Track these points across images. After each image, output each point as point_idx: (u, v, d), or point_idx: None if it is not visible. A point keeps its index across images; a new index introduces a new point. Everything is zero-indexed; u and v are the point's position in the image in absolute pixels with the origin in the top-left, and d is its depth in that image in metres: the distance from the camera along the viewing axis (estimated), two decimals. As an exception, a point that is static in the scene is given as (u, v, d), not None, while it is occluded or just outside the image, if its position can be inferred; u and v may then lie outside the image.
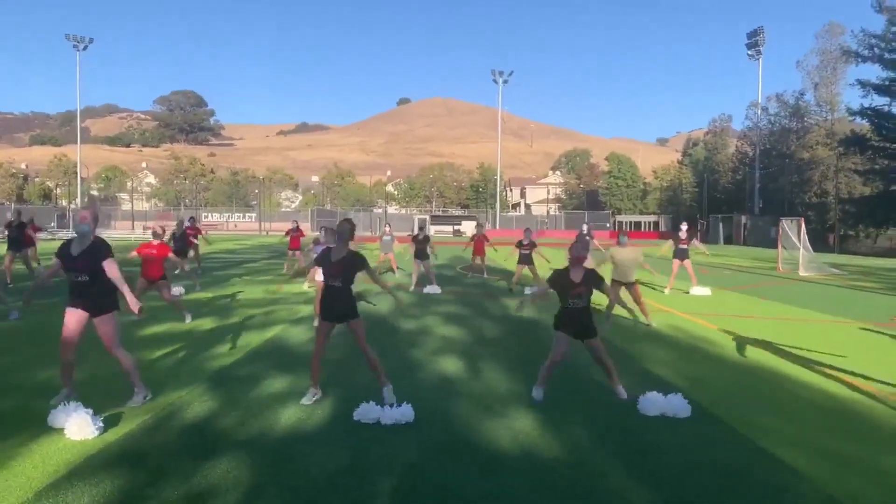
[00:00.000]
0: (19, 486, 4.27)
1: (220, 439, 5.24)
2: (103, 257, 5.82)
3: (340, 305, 6.18)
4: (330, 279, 6.19)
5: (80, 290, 5.85)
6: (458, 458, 4.92)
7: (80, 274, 5.79)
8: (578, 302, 6.38)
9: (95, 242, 5.90)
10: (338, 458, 4.87)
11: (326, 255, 6.27)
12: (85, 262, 5.78)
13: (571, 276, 6.42)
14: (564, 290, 6.39)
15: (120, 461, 4.72)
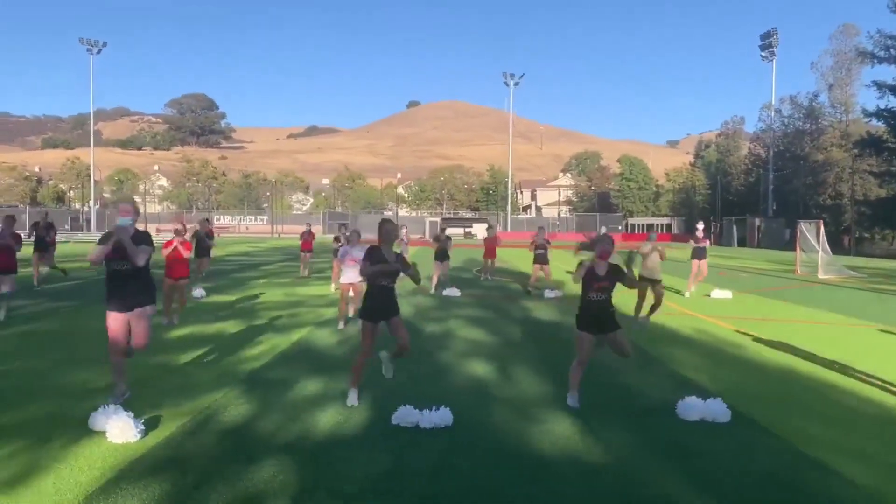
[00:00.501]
0: (69, 490, 4.26)
1: (261, 443, 5.23)
2: (141, 242, 5.91)
3: (390, 305, 6.22)
4: (384, 280, 6.19)
5: (120, 280, 5.91)
6: (502, 462, 4.89)
7: (121, 262, 5.87)
8: (601, 295, 6.40)
9: (139, 235, 6.00)
10: (381, 462, 4.85)
11: (378, 256, 6.23)
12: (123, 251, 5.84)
13: (597, 269, 6.44)
14: (588, 284, 6.42)
15: (165, 465, 4.71)
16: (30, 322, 10.76)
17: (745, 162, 75.23)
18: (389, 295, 6.25)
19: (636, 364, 8.37)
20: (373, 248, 6.34)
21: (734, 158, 78.86)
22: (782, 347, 9.52)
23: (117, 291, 5.98)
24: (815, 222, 25.97)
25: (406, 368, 7.82)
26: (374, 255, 6.23)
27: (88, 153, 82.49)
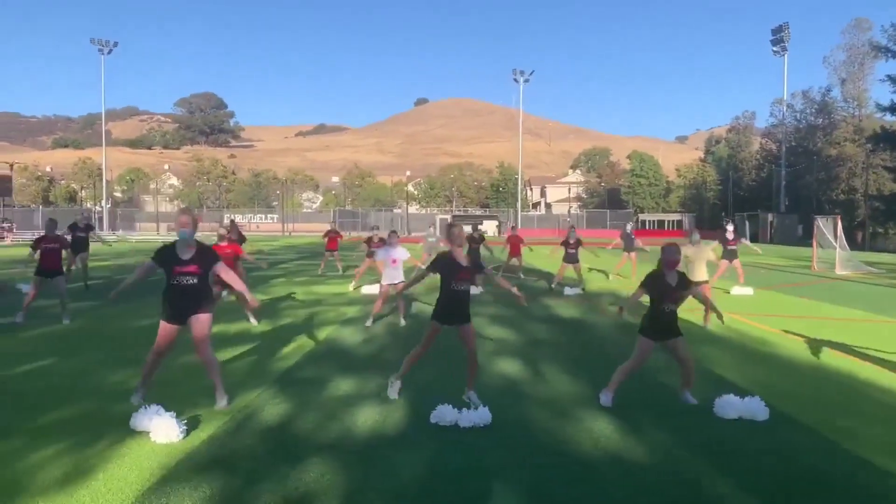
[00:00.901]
0: (119, 490, 4.30)
1: (303, 442, 5.25)
2: (215, 261, 6.02)
3: (464, 310, 6.24)
4: (459, 284, 6.18)
5: (183, 293, 5.94)
6: (545, 462, 4.89)
7: (190, 277, 5.90)
8: (673, 307, 6.29)
9: (203, 247, 6.07)
10: (425, 462, 4.86)
11: (450, 260, 6.23)
12: (196, 266, 5.91)
13: (668, 279, 6.26)
14: (661, 294, 6.23)
15: (212, 465, 4.74)
16: (56, 322, 10.82)
17: (756, 157, 74.83)
18: (464, 299, 6.23)
19: (665, 362, 8.36)
20: (443, 253, 6.33)
21: (745, 154, 78.45)
22: (812, 344, 9.48)
23: (176, 303, 5.99)
24: (831, 218, 25.82)
25: (436, 366, 7.86)
26: (443, 260, 6.22)
27: (99, 153, 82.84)
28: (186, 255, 5.94)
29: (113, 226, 73.38)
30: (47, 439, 5.17)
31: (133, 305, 13.12)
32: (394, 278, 10.92)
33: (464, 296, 6.26)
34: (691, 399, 6.42)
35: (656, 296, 6.26)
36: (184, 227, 5.92)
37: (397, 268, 10.96)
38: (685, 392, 6.48)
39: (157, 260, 5.99)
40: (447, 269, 6.24)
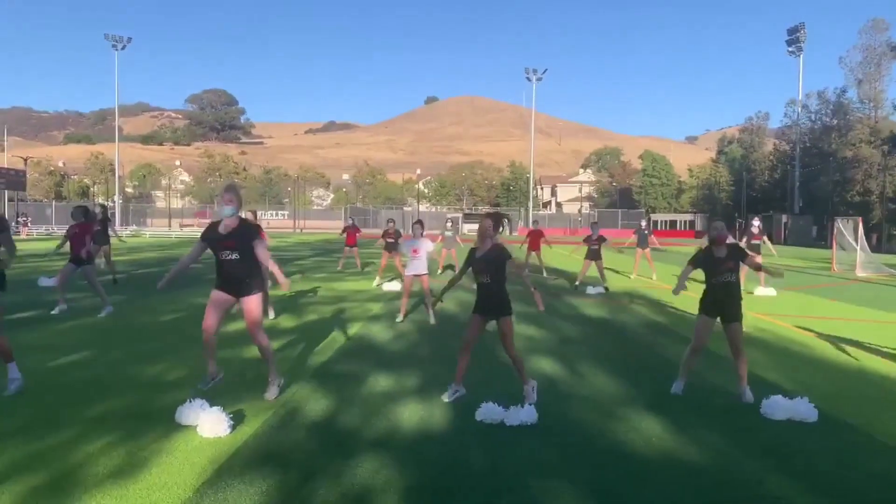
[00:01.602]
0: (174, 485, 4.24)
1: (352, 438, 5.19)
2: (253, 237, 5.93)
3: (495, 301, 6.14)
4: (479, 276, 6.14)
5: (228, 270, 5.92)
6: (602, 462, 4.80)
7: (230, 252, 5.87)
8: (728, 277, 6.37)
9: (244, 223, 6.01)
10: (480, 460, 4.79)
11: (471, 251, 6.21)
12: (234, 241, 5.87)
13: (716, 253, 6.41)
14: (711, 269, 6.38)
15: (264, 460, 4.69)
16: (86, 314, 10.83)
17: (769, 158, 74.43)
18: (492, 290, 6.15)
19: (704, 362, 8.27)
20: (474, 249, 6.29)
21: (758, 154, 78.06)
22: (850, 345, 9.38)
23: (226, 281, 6.00)
24: (852, 219, 25.62)
25: (475, 364, 7.78)
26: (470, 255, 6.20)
27: (110, 148, 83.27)
28: (225, 230, 5.92)
29: (125, 221, 73.66)
30: (96, 432, 5.14)
31: (161, 299, 13.15)
32: (417, 269, 10.86)
33: (489, 287, 6.20)
34: (749, 396, 6.33)
35: (707, 270, 6.44)
36: (227, 204, 5.89)
37: (420, 258, 10.88)
38: (743, 388, 6.40)
39: (203, 238, 6.03)
40: (470, 262, 6.25)
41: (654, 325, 11.20)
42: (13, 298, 12.68)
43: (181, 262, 6.36)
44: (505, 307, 6.19)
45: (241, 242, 5.90)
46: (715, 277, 6.41)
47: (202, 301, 12.96)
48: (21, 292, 13.81)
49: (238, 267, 5.92)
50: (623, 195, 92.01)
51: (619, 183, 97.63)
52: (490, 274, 6.13)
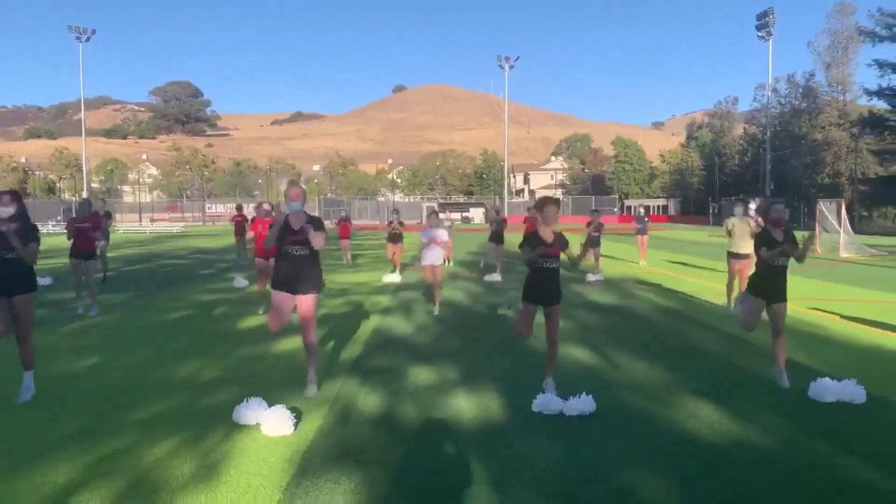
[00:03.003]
0: (260, 486, 4.17)
1: (417, 432, 5.15)
2: (318, 228, 5.98)
3: (553, 288, 6.12)
4: (543, 261, 6.08)
5: (293, 265, 5.96)
6: (675, 452, 4.80)
7: (300, 247, 5.94)
8: (781, 260, 6.47)
9: (313, 217, 6.04)
10: (551, 452, 4.77)
11: (536, 236, 6.13)
12: (305, 236, 5.90)
13: (774, 235, 6.52)
14: (771, 246, 6.45)
15: (339, 457, 4.63)
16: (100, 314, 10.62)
17: (739, 142, 75.38)
18: (553, 277, 6.12)
19: (732, 345, 8.39)
20: (532, 232, 6.23)
21: (728, 139, 79.03)
22: (866, 325, 9.56)
23: (290, 275, 6.01)
24: (835, 201, 26.10)
25: (508, 356, 7.81)
26: (532, 238, 6.13)
27: (72, 143, 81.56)
28: (297, 225, 5.95)
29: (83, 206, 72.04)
30: (153, 435, 5.03)
31: (162, 296, 12.97)
32: (433, 260, 10.82)
33: (550, 274, 6.16)
34: (785, 382, 6.40)
35: (761, 251, 6.52)
36: (294, 201, 5.97)
37: (436, 248, 10.84)
38: (782, 373, 6.46)
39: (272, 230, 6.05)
40: (535, 245, 6.17)
41: (666, 310, 11.29)
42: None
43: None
44: (560, 294, 6.19)
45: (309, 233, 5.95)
46: (770, 259, 6.48)
47: (203, 298, 12.84)
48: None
49: (304, 262, 5.98)
50: (595, 182, 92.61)
51: (591, 170, 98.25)
52: (556, 260, 6.12)
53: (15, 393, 5.94)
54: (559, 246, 6.15)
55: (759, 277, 6.65)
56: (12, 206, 5.85)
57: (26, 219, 5.98)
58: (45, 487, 4.11)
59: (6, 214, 5.79)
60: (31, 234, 5.91)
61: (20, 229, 5.80)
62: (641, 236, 19.80)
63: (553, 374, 6.24)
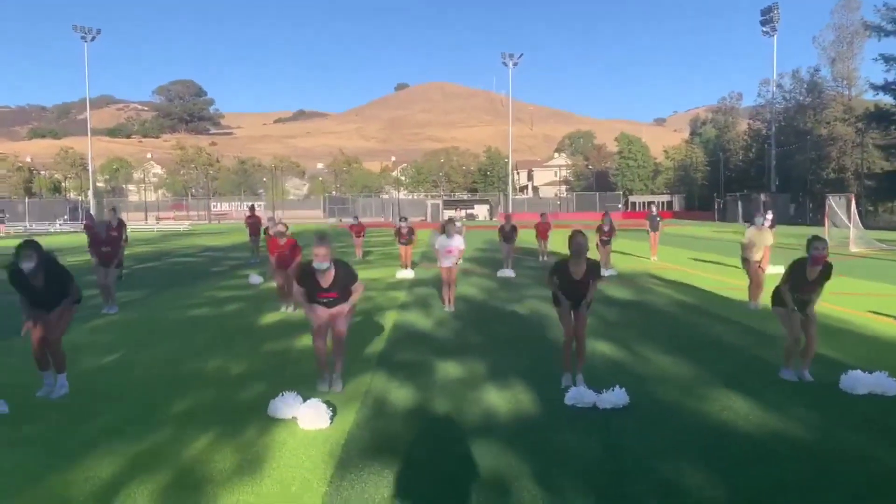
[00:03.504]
0: (306, 480, 4.18)
1: (453, 426, 5.16)
2: (351, 284, 6.19)
3: (583, 293, 6.21)
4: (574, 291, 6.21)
5: (327, 304, 6.20)
6: (713, 443, 4.80)
7: (332, 300, 6.16)
8: (807, 298, 6.42)
9: (340, 270, 6.10)
10: (590, 445, 4.77)
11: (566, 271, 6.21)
12: (336, 293, 6.11)
13: (808, 276, 6.40)
14: (797, 286, 6.40)
15: (380, 451, 4.64)
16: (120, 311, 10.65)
17: (743, 138, 75.25)
18: (581, 288, 6.20)
19: (754, 339, 8.38)
20: (560, 263, 6.29)
21: (732, 134, 78.89)
22: (885, 318, 9.55)
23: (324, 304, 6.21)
24: (845, 196, 26.05)
25: (531, 350, 7.83)
26: (562, 273, 6.21)
27: (76, 142, 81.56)
28: (325, 282, 6.05)
29: (100, 216, 72.31)
30: (191, 429, 5.05)
31: (177, 293, 13.00)
32: (451, 262, 10.82)
33: (579, 286, 6.21)
34: (809, 376, 6.42)
35: (793, 285, 6.42)
36: (322, 261, 5.90)
37: (453, 256, 10.86)
38: (806, 369, 6.48)
39: (302, 284, 6.14)
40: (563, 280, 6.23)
41: (683, 305, 11.29)
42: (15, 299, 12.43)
43: None
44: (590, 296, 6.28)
45: (342, 291, 6.12)
46: (798, 293, 6.42)
47: (220, 294, 12.88)
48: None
49: (337, 302, 6.17)
50: (599, 178, 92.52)
51: (595, 166, 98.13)
52: (585, 290, 6.20)
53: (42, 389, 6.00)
54: (590, 279, 6.19)
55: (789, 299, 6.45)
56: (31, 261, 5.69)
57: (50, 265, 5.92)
58: (91, 482, 4.13)
59: (28, 270, 5.67)
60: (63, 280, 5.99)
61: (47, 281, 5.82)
62: (653, 233, 19.83)
63: (582, 368, 6.26)
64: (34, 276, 5.71)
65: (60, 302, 5.90)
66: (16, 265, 5.69)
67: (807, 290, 6.37)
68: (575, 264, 6.15)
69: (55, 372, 6.03)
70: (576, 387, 5.91)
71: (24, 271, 5.65)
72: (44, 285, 5.81)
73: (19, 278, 5.73)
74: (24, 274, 5.67)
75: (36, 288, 5.78)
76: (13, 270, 5.73)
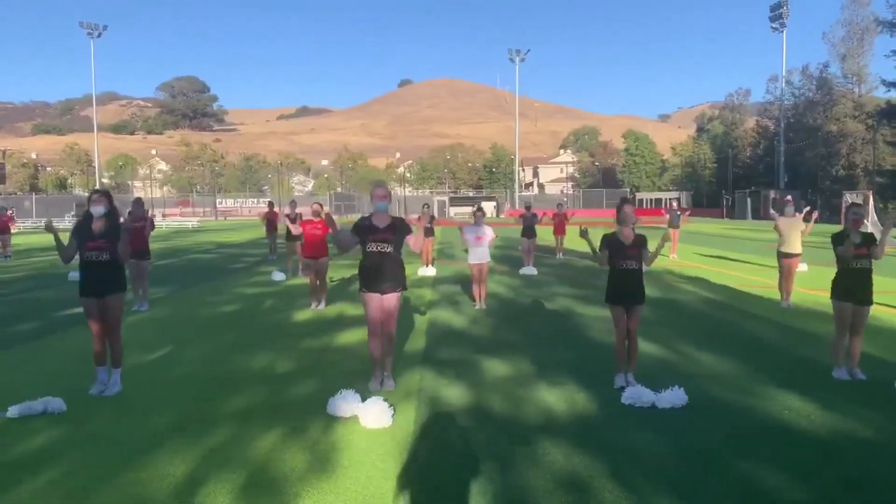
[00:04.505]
0: (382, 478, 4.15)
1: (515, 425, 5.13)
2: (406, 231, 6.04)
3: (636, 288, 6.13)
4: (624, 263, 6.11)
5: (380, 263, 5.96)
6: (783, 441, 4.78)
7: (385, 245, 5.94)
8: (864, 263, 6.36)
9: (397, 218, 6.11)
10: (657, 444, 4.73)
11: (615, 238, 6.15)
12: (391, 233, 5.97)
13: (852, 237, 6.34)
14: (848, 252, 6.31)
15: (447, 449, 4.63)
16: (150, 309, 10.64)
17: (751, 134, 75.02)
18: (634, 278, 6.12)
19: (795, 338, 8.34)
20: (607, 234, 6.23)
21: (740, 131, 78.65)
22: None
23: (376, 272, 6.00)
24: (861, 193, 25.94)
25: (572, 349, 7.81)
26: (611, 240, 6.15)
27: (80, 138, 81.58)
28: (382, 223, 5.99)
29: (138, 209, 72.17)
30: (252, 428, 5.03)
31: (203, 290, 13.00)
32: (481, 258, 10.78)
33: (631, 275, 6.16)
34: (861, 374, 6.39)
35: (843, 253, 6.36)
36: (381, 200, 6.00)
37: (482, 245, 10.80)
38: (856, 367, 6.45)
39: (356, 230, 6.03)
40: (615, 247, 6.16)
41: (713, 303, 11.25)
42: (51, 295, 12.46)
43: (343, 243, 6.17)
44: (643, 293, 6.21)
45: (396, 235, 6.00)
46: (851, 262, 6.36)
47: (246, 291, 12.87)
48: (54, 288, 13.55)
49: (388, 259, 5.97)
50: (606, 175, 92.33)
51: (602, 163, 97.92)
52: (638, 261, 6.11)
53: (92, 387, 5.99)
54: (638, 247, 6.14)
55: (844, 281, 6.45)
56: (102, 205, 5.86)
57: (115, 218, 6.02)
58: (167, 480, 4.11)
59: (98, 213, 5.81)
60: (119, 234, 5.94)
61: (109, 228, 5.83)
62: (673, 230, 19.74)
63: (634, 367, 6.23)
64: (101, 218, 5.82)
65: (113, 257, 5.87)
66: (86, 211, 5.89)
67: (859, 252, 6.33)
68: (622, 232, 6.14)
69: (111, 367, 6.02)
70: (631, 386, 5.88)
71: (94, 215, 5.81)
72: (104, 232, 5.85)
73: (86, 223, 5.85)
74: (91, 219, 5.83)
75: (95, 236, 5.80)
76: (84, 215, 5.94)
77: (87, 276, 5.91)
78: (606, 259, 6.14)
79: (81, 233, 5.88)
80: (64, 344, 8.20)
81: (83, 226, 5.91)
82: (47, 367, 7.01)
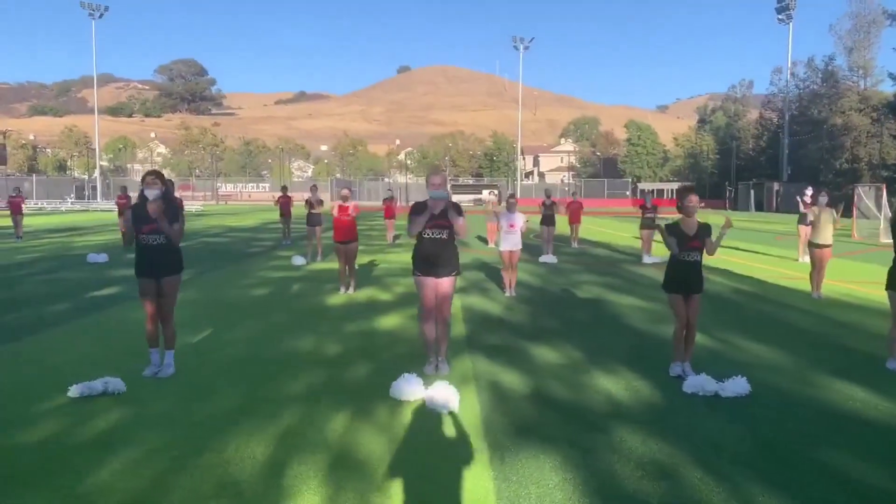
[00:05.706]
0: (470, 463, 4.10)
1: (584, 411, 5.10)
2: (460, 213, 5.97)
3: (696, 277, 6.11)
4: (687, 254, 6.07)
5: (435, 249, 5.95)
6: (857, 432, 4.75)
7: (441, 230, 5.94)
8: None
9: (453, 203, 6.05)
10: (733, 432, 4.70)
11: (679, 229, 6.10)
12: (446, 220, 5.94)
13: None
14: None
15: (523, 434, 4.58)
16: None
17: (755, 126, 74.94)
18: (694, 268, 6.09)
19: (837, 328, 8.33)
20: (674, 224, 6.18)
21: (743, 122, 78.57)
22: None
23: (430, 258, 5.97)
24: (874, 186, 25.95)
25: (618, 336, 7.79)
26: (676, 231, 6.11)
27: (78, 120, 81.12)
28: (438, 209, 5.93)
29: (106, 195, 72.03)
30: (320, 409, 5.02)
31: (230, 272, 12.96)
32: (513, 245, 10.73)
33: (691, 266, 6.12)
34: None
35: None
36: (438, 189, 5.89)
37: (515, 233, 10.75)
38: None
39: (415, 212, 5.98)
40: (679, 237, 6.11)
41: (745, 293, 11.22)
42: (75, 275, 12.41)
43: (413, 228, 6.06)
44: (702, 283, 6.18)
45: (452, 222, 5.95)
46: None
47: (270, 275, 12.81)
48: (77, 269, 13.48)
49: (443, 246, 5.97)
50: (607, 165, 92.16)
51: (603, 153, 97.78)
52: (700, 253, 6.08)
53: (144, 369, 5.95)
54: (701, 238, 6.10)
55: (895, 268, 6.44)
56: (157, 187, 5.78)
57: (170, 199, 5.97)
58: (248, 461, 4.07)
59: (153, 196, 5.72)
60: (175, 215, 5.87)
61: (164, 210, 5.75)
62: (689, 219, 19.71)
63: (690, 357, 6.19)
64: (155, 200, 5.72)
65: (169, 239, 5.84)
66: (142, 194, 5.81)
67: None
68: (686, 222, 6.11)
69: (164, 348, 5.97)
70: (691, 375, 5.85)
71: (149, 197, 5.71)
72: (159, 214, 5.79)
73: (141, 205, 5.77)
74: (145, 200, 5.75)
75: (150, 219, 5.72)
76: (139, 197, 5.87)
77: (143, 258, 5.85)
78: (675, 245, 6.09)
79: (137, 216, 5.80)
80: (107, 324, 8.17)
81: (139, 207, 5.83)
82: (94, 347, 6.96)
